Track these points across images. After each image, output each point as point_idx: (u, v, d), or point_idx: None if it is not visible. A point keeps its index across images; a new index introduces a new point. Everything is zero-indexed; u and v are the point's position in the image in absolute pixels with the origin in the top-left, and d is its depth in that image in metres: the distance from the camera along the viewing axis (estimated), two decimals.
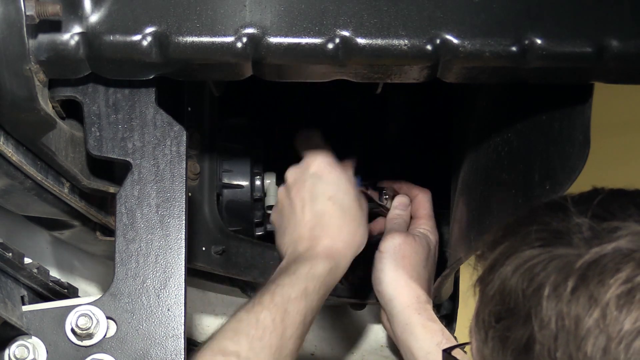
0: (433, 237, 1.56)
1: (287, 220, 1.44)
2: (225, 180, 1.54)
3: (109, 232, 1.42)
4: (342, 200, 1.43)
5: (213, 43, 1.09)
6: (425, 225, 1.56)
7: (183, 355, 1.16)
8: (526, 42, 1.10)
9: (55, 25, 1.06)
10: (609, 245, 0.87)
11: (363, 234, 1.45)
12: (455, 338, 1.52)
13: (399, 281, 1.48)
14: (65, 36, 1.07)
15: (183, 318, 1.17)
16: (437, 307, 1.65)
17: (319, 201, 1.42)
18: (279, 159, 1.65)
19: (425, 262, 1.52)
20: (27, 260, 1.18)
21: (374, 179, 1.63)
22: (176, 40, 1.08)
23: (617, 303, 0.85)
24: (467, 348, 1.04)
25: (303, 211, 1.43)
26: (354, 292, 1.65)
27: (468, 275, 1.04)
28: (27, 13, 1.00)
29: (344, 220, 1.42)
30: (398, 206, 1.59)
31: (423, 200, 1.59)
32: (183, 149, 1.20)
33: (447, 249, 1.64)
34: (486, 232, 1.28)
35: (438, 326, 1.46)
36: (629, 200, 0.93)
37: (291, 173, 1.48)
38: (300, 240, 1.40)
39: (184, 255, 1.18)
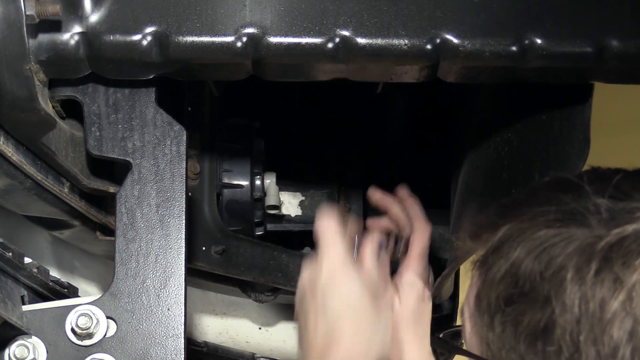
0: (420, 281, 1.39)
1: (302, 326, 1.30)
2: (225, 180, 1.54)
3: (109, 232, 1.42)
4: (354, 307, 1.27)
5: (213, 43, 1.09)
6: (413, 268, 1.39)
7: (183, 355, 1.16)
8: (526, 42, 1.10)
9: (55, 25, 1.06)
10: (629, 227, 0.86)
11: (381, 340, 1.26)
12: None
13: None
14: (65, 36, 1.07)
15: (183, 318, 1.17)
16: (437, 307, 1.65)
17: (329, 310, 1.26)
18: (279, 159, 1.65)
19: (413, 319, 1.35)
20: (27, 260, 1.18)
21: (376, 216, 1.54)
22: (176, 40, 1.08)
23: None
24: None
25: (316, 320, 1.27)
26: None
27: (467, 275, 1.03)
28: (27, 13, 1.00)
29: (357, 327, 1.25)
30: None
31: (418, 238, 1.42)
32: (183, 148, 1.20)
33: (447, 248, 1.64)
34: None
35: None
36: None
37: (306, 273, 1.32)
38: (311, 350, 1.26)
39: (184, 255, 1.18)
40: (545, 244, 0.88)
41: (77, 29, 1.07)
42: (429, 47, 1.10)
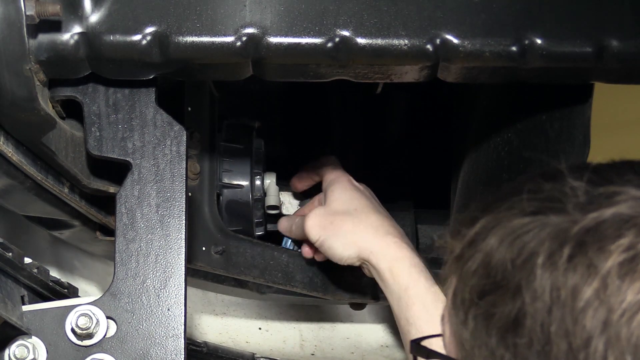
0: (341, 177, 1.48)
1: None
2: (225, 180, 1.54)
3: (109, 232, 1.42)
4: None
5: (213, 43, 1.09)
6: (328, 178, 1.49)
7: (183, 355, 1.16)
8: (526, 42, 1.10)
9: (55, 25, 1.06)
10: (607, 211, 0.80)
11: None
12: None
13: (349, 242, 1.39)
14: (65, 36, 1.07)
15: (183, 318, 1.17)
16: None
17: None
18: (279, 159, 1.65)
19: (355, 202, 1.44)
20: (27, 260, 1.18)
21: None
22: (176, 40, 1.08)
23: (619, 272, 0.77)
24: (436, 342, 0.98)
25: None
26: (354, 292, 1.65)
27: None
28: (27, 13, 1.00)
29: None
30: (286, 227, 1.55)
31: (321, 163, 1.54)
32: (183, 149, 1.20)
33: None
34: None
35: (404, 266, 1.34)
36: (626, 167, 0.86)
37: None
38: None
39: (184, 255, 1.18)
40: (519, 231, 0.83)
41: (77, 29, 1.07)
42: (429, 47, 1.10)
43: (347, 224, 1.41)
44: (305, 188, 1.58)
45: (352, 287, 1.65)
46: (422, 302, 1.28)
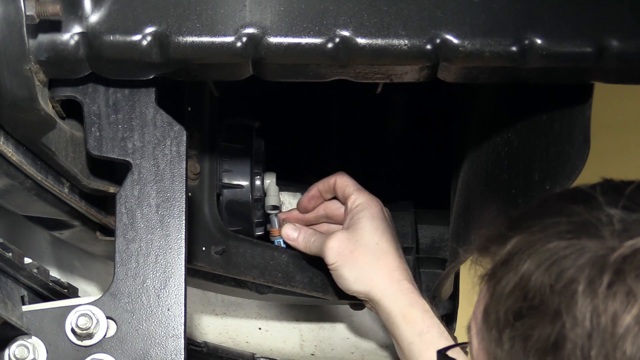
0: (372, 204, 1.49)
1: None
2: (225, 180, 1.54)
3: (109, 232, 1.42)
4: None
5: (213, 43, 1.09)
6: (357, 201, 1.50)
7: (183, 355, 1.16)
8: (526, 42, 1.10)
9: (55, 25, 1.07)
10: None
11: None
12: (450, 331, 1.49)
13: (363, 278, 1.43)
14: (65, 36, 1.07)
15: (183, 318, 1.17)
16: (436, 308, 1.65)
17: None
18: (279, 159, 1.65)
19: (379, 236, 1.46)
20: (27, 260, 1.18)
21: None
22: (176, 40, 1.08)
23: None
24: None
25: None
26: None
27: (467, 275, 1.02)
28: (27, 13, 1.00)
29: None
30: (292, 234, 1.53)
31: (342, 181, 1.53)
32: (183, 149, 1.20)
33: (446, 248, 1.64)
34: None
35: (418, 312, 1.41)
36: None
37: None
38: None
39: (184, 255, 1.18)
40: (556, 256, 0.86)
41: (77, 29, 1.07)
42: (429, 47, 1.10)
43: (366, 258, 1.44)
44: (314, 208, 1.58)
45: None
46: (436, 347, 1.30)
